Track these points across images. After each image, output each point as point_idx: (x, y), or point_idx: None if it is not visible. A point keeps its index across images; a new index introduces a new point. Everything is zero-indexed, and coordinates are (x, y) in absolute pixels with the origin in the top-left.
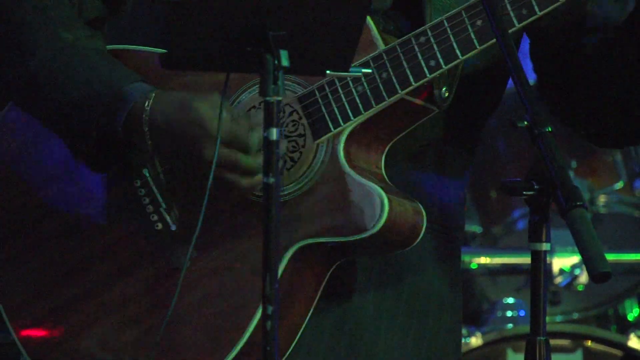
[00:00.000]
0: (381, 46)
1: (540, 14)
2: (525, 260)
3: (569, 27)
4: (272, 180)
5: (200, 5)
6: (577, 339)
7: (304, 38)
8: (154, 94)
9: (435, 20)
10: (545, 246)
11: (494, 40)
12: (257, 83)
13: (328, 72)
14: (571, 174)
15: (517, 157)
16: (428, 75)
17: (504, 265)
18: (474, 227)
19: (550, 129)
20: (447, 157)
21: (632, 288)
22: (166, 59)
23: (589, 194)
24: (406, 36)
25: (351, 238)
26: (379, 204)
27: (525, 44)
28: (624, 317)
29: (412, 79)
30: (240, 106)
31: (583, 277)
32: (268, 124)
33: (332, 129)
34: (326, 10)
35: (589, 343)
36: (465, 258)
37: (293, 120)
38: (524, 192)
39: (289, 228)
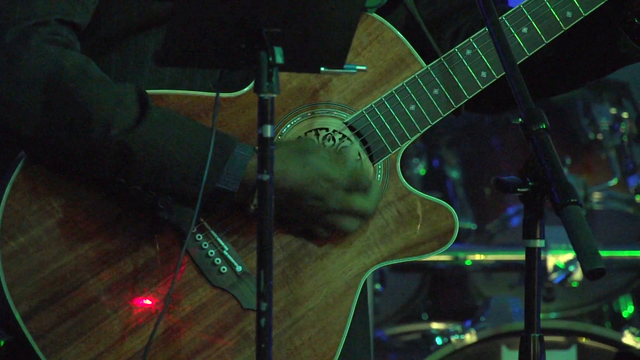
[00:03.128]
0: (421, 62)
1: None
2: (520, 257)
3: None
4: (266, 177)
5: (196, 2)
6: (572, 335)
7: (298, 35)
8: None
9: (479, 32)
10: (540, 243)
11: (543, 45)
12: (297, 114)
13: (323, 69)
14: (565, 170)
15: (512, 154)
16: (481, 86)
17: (498, 262)
18: (468, 224)
19: (544, 126)
20: None
21: (627, 285)
22: (161, 55)
23: (583, 191)
24: (450, 50)
25: (431, 254)
26: (451, 217)
27: None
28: (619, 314)
29: (465, 93)
30: (287, 137)
31: (577, 274)
32: (263, 121)
33: (391, 150)
34: (321, 6)
35: (583, 340)
36: (460, 255)
37: (345, 147)
38: (519, 189)
39: (360, 253)
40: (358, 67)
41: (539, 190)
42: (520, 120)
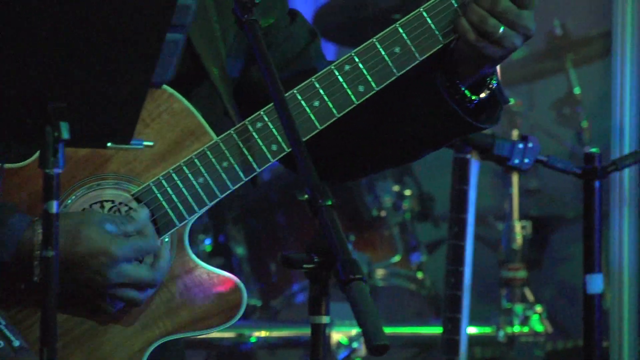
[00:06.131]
0: (212, 134)
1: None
2: (305, 333)
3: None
4: (50, 253)
5: None
6: None
7: (85, 110)
8: (40, 226)
9: (269, 106)
10: (325, 319)
11: (335, 119)
12: (83, 185)
13: (109, 144)
14: (350, 247)
15: (298, 230)
16: (271, 160)
17: (283, 339)
18: (253, 301)
19: (330, 202)
20: None
21: None
22: None
23: (367, 267)
24: (240, 123)
25: (217, 328)
26: (238, 291)
27: None
28: None
29: (255, 166)
30: (72, 209)
31: (362, 350)
32: (48, 197)
33: (178, 223)
34: (107, 82)
35: None
36: (245, 332)
37: (133, 214)
38: (304, 266)
39: (144, 327)
40: (145, 143)
41: (325, 267)
42: (306, 196)
